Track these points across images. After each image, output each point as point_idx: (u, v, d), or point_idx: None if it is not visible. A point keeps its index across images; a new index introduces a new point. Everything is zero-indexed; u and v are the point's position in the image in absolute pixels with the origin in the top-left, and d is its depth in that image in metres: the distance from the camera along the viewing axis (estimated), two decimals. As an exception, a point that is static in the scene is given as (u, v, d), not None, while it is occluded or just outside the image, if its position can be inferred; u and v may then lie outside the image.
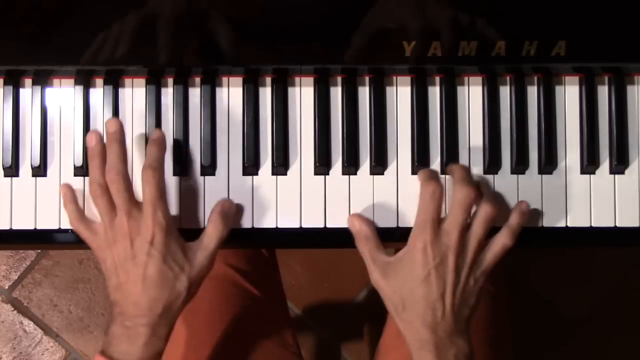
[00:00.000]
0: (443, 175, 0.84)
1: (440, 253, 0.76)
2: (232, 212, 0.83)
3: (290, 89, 0.86)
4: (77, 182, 0.85)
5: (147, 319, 0.77)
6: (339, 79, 0.85)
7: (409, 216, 0.84)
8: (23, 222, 0.85)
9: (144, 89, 0.85)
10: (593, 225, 0.85)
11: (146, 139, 0.85)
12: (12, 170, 0.85)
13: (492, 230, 0.80)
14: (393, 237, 0.84)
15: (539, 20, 0.80)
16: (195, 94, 0.86)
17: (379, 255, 0.80)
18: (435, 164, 0.85)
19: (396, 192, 0.85)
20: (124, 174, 0.78)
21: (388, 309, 0.80)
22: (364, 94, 0.85)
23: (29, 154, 0.85)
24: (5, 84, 0.85)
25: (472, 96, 0.86)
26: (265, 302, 1.05)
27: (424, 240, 0.77)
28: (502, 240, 0.79)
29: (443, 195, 0.78)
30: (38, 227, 0.85)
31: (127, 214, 0.77)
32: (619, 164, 0.85)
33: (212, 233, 0.81)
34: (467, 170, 0.81)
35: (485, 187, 0.83)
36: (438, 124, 0.85)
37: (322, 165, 0.84)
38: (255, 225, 0.85)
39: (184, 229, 0.83)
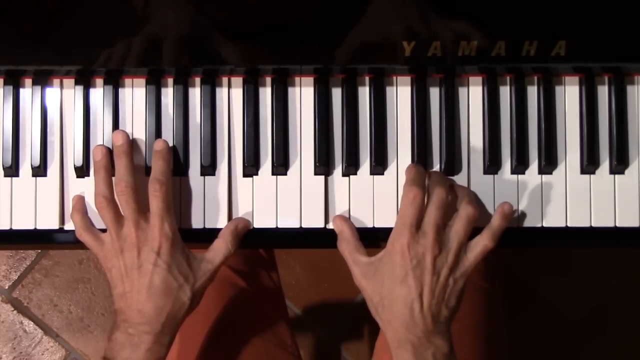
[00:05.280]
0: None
1: (418, 255, 0.77)
2: (244, 232, 0.84)
3: (290, 89, 0.86)
4: (78, 182, 0.85)
5: (150, 326, 0.78)
6: (339, 79, 0.85)
7: (409, 216, 0.84)
8: (23, 222, 0.85)
9: (144, 89, 0.85)
10: (593, 225, 0.85)
11: (146, 139, 0.85)
12: (12, 170, 0.85)
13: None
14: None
15: (539, 20, 0.80)
16: (195, 94, 0.85)
17: (359, 256, 0.81)
18: (435, 164, 0.85)
19: (396, 192, 0.85)
20: (132, 185, 0.80)
21: (369, 309, 0.81)
22: (364, 94, 0.85)
23: (29, 154, 0.85)
24: (5, 84, 0.85)
25: (472, 96, 0.86)
26: (262, 303, 1.05)
27: (401, 243, 0.77)
28: (483, 242, 0.80)
29: (424, 201, 0.78)
30: (38, 227, 0.85)
31: (135, 225, 0.79)
32: (619, 164, 0.84)
33: (219, 248, 0.82)
34: (440, 173, 0.82)
35: (464, 189, 0.83)
36: (438, 124, 0.85)
37: (322, 165, 0.84)
38: (256, 225, 0.85)
39: (184, 228, 0.83)
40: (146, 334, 0.78)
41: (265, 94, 0.86)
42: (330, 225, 0.84)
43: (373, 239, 0.84)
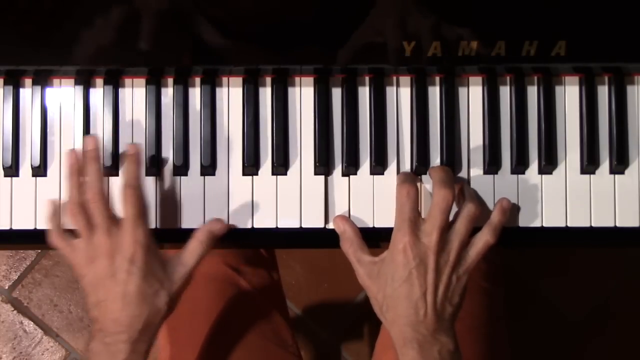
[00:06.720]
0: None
1: (420, 253, 0.77)
2: (220, 233, 0.83)
3: (290, 89, 0.86)
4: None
5: (127, 335, 0.78)
6: (339, 79, 0.85)
7: (409, 216, 0.84)
8: (23, 222, 0.85)
9: (144, 89, 0.85)
10: (593, 225, 0.85)
11: (146, 139, 0.85)
12: (12, 170, 0.85)
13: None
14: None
15: (539, 20, 0.80)
16: (195, 94, 0.85)
17: (363, 255, 0.81)
18: (435, 164, 0.85)
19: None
20: (102, 192, 0.79)
21: (374, 308, 0.81)
22: (364, 94, 0.85)
23: (29, 154, 0.85)
24: (5, 84, 0.85)
25: (472, 96, 0.86)
26: (263, 302, 1.05)
27: (403, 241, 0.77)
28: (484, 238, 0.80)
29: (418, 194, 0.79)
30: (38, 227, 0.85)
31: (106, 232, 0.78)
32: (619, 164, 0.85)
33: (193, 250, 0.81)
34: (446, 171, 0.81)
35: (468, 186, 0.83)
36: (438, 124, 0.85)
37: (322, 165, 0.84)
38: (255, 226, 0.85)
39: (184, 228, 0.83)
40: (123, 343, 0.77)
41: (265, 94, 0.86)
42: (330, 225, 0.84)
43: (373, 239, 0.84)
